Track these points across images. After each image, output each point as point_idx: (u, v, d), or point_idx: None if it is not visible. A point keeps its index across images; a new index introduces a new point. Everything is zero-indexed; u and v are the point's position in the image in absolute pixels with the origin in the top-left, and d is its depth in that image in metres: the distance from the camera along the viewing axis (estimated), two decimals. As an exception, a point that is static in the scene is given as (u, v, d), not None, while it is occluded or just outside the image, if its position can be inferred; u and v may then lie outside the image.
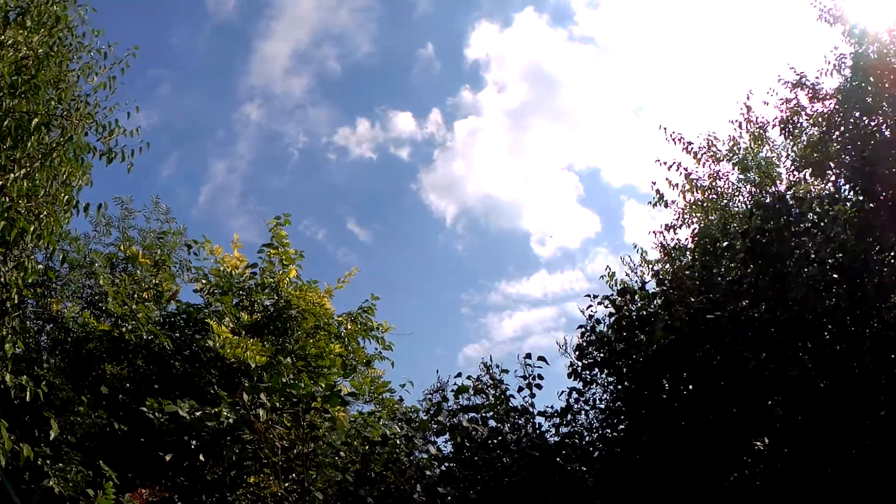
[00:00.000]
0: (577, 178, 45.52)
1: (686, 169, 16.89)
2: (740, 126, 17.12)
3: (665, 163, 16.99)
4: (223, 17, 41.36)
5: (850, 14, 14.19)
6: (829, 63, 14.43)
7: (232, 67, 42.98)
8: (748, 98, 17.21)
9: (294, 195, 40.79)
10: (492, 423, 9.82)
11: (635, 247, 16.24)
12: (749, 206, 14.64)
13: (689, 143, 17.04)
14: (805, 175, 14.88)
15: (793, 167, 15.52)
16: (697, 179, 16.84)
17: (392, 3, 44.11)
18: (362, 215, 43.11)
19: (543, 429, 10.15)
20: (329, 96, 44.89)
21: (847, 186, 10.80)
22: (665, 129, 17.11)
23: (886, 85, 13.26)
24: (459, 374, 10.37)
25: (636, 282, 15.89)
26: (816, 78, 14.96)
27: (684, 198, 16.86)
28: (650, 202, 17.17)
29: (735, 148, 17.02)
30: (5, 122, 9.39)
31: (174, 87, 38.60)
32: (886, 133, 12.83)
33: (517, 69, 46.05)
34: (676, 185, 16.89)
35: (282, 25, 41.98)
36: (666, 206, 16.98)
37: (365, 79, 44.07)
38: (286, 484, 10.28)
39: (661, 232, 16.43)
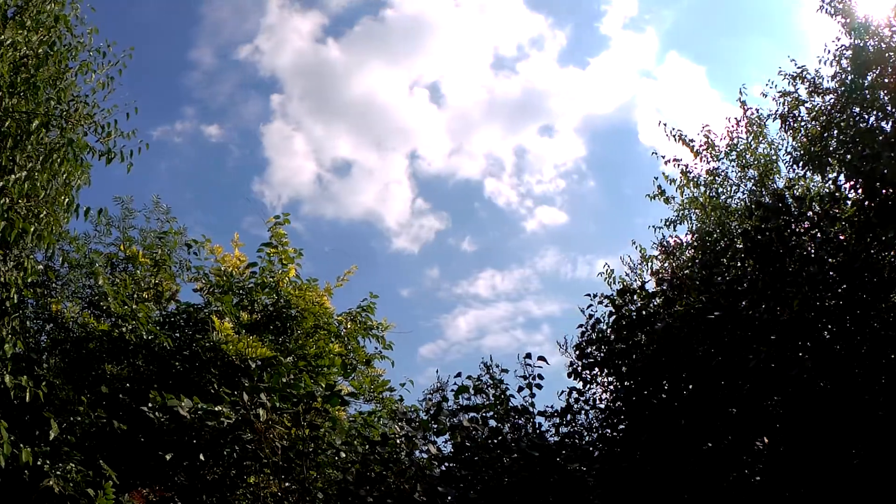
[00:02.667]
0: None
1: (686, 166, 16.94)
2: (738, 123, 17.16)
3: (663, 156, 17.06)
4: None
5: (851, 6, 14.19)
6: (829, 53, 14.46)
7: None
8: (741, 94, 17.27)
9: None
10: (492, 422, 9.82)
11: (634, 243, 16.27)
12: (748, 204, 14.66)
13: (691, 140, 17.10)
14: (804, 171, 14.90)
15: (792, 162, 15.54)
16: (697, 176, 16.87)
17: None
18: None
19: (543, 429, 10.17)
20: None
21: (847, 185, 10.79)
22: (665, 124, 17.18)
23: (886, 80, 13.26)
24: (459, 374, 10.37)
25: (634, 279, 15.94)
26: (817, 70, 14.99)
27: (682, 193, 16.91)
28: (648, 195, 17.22)
29: (733, 143, 17.06)
30: (6, 123, 9.40)
31: None
32: (887, 129, 12.84)
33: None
34: (674, 180, 16.95)
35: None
36: (667, 201, 17.02)
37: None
38: (286, 484, 10.30)
39: (661, 228, 16.47)
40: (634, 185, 45.36)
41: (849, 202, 9.81)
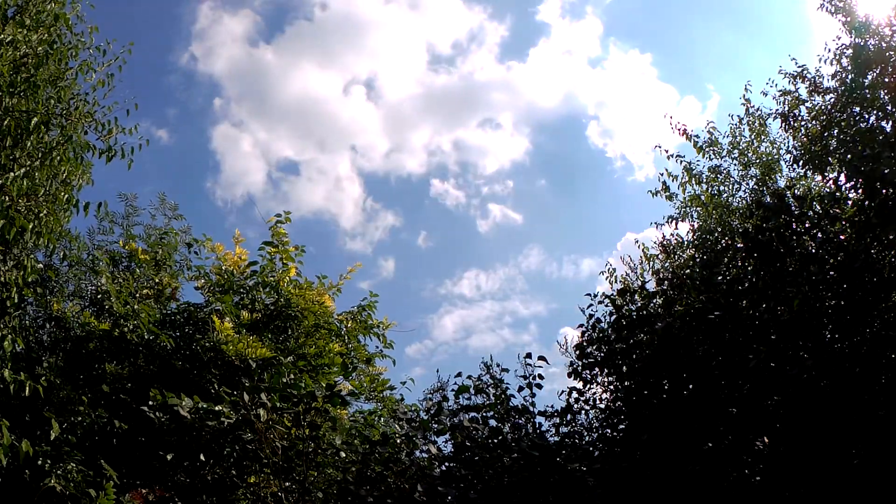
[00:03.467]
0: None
1: (689, 162, 16.96)
2: (740, 121, 17.19)
3: (666, 151, 17.08)
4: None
5: (852, 4, 14.19)
6: (830, 51, 14.47)
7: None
8: (746, 91, 17.28)
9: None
10: (492, 422, 9.82)
11: (636, 242, 16.29)
12: (749, 203, 14.66)
13: (696, 136, 17.12)
14: (805, 170, 14.90)
15: (792, 161, 15.55)
16: (700, 174, 16.89)
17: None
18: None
19: (544, 428, 10.17)
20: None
21: (847, 184, 10.79)
22: (671, 117, 17.19)
23: (886, 79, 13.26)
24: (459, 374, 10.38)
25: (632, 276, 15.95)
26: (817, 69, 14.99)
27: (683, 190, 16.93)
28: (650, 191, 17.25)
29: (736, 140, 17.09)
30: (5, 122, 9.40)
31: None
32: (887, 129, 12.84)
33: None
34: (676, 176, 16.97)
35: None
36: (669, 198, 17.05)
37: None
38: (286, 484, 10.30)
39: (663, 224, 16.49)
40: (586, 179, 45.24)
41: (849, 202, 9.81)
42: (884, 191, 9.00)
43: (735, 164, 16.97)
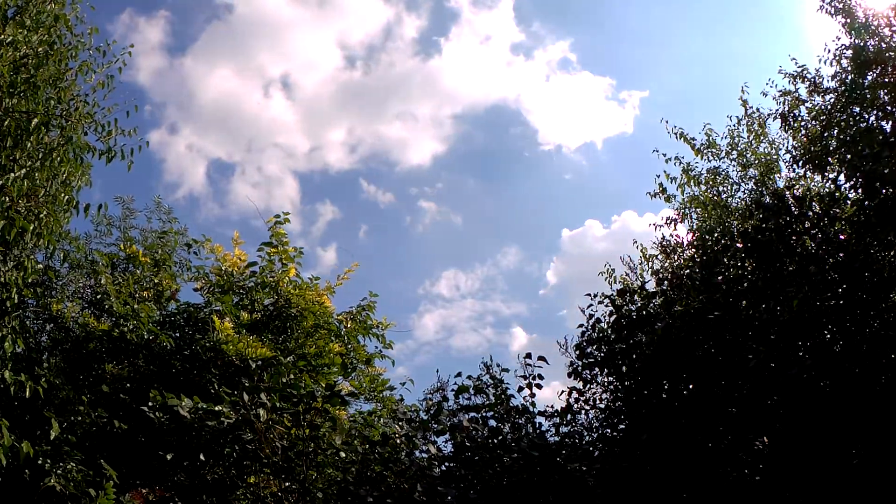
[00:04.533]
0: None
1: (688, 164, 16.95)
2: (739, 122, 17.19)
3: (664, 154, 17.07)
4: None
5: (852, 5, 14.18)
6: (830, 52, 14.46)
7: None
8: (743, 92, 17.29)
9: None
10: (492, 422, 9.83)
11: (635, 243, 16.28)
12: (749, 203, 14.66)
13: (692, 137, 17.12)
14: (805, 170, 14.89)
15: (792, 162, 15.54)
16: (699, 175, 16.89)
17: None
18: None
19: (544, 428, 10.18)
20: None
21: (847, 184, 10.79)
22: (667, 121, 17.19)
23: (886, 80, 13.25)
24: (459, 374, 10.39)
25: (632, 274, 15.94)
26: (817, 70, 14.99)
27: (682, 192, 16.93)
28: (649, 193, 17.24)
29: (734, 141, 17.09)
30: (5, 122, 9.40)
31: None
32: (887, 129, 12.83)
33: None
34: (674, 179, 16.96)
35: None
36: (668, 199, 17.04)
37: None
38: (286, 483, 10.30)
39: (662, 225, 16.48)
40: (514, 173, 44.96)
41: (849, 202, 9.82)
42: (883, 190, 9.02)
43: (734, 165, 16.98)
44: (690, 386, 9.26)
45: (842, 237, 9.24)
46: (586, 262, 40.74)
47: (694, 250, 14.06)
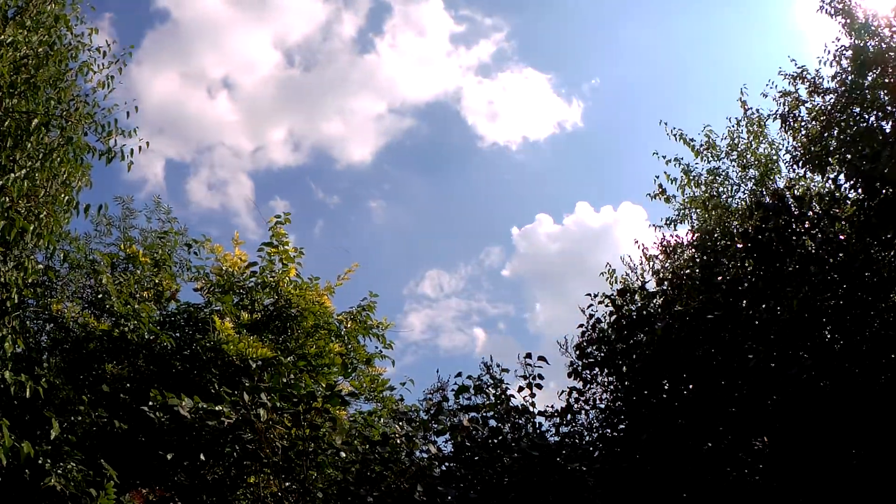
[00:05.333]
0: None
1: (687, 165, 16.96)
2: (738, 123, 17.20)
3: (664, 156, 17.07)
4: None
5: (852, 6, 14.19)
6: (829, 53, 14.47)
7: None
8: (742, 94, 17.31)
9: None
10: (492, 422, 9.83)
11: (636, 242, 16.28)
12: (748, 203, 14.66)
13: (691, 139, 17.13)
14: (805, 170, 14.91)
15: (792, 162, 15.55)
16: (698, 176, 16.90)
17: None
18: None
19: (543, 428, 10.18)
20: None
21: (847, 184, 10.79)
22: (666, 123, 17.19)
23: (886, 80, 13.25)
24: (460, 374, 10.39)
25: (632, 276, 15.95)
26: (817, 70, 15.00)
27: (682, 192, 16.93)
28: (649, 194, 17.24)
29: (734, 142, 17.10)
30: (6, 123, 9.41)
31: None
32: (887, 129, 12.83)
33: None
34: (674, 179, 16.96)
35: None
36: (667, 200, 17.05)
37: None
38: (286, 483, 10.30)
39: (662, 226, 16.50)
40: (460, 168, 44.73)
41: (849, 202, 9.81)
42: (883, 190, 9.01)
43: (734, 166, 16.99)
44: (690, 386, 9.25)
45: (842, 237, 9.22)
46: (540, 260, 40.65)
47: (694, 250, 14.08)
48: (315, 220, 42.15)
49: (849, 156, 11.91)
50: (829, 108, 14.37)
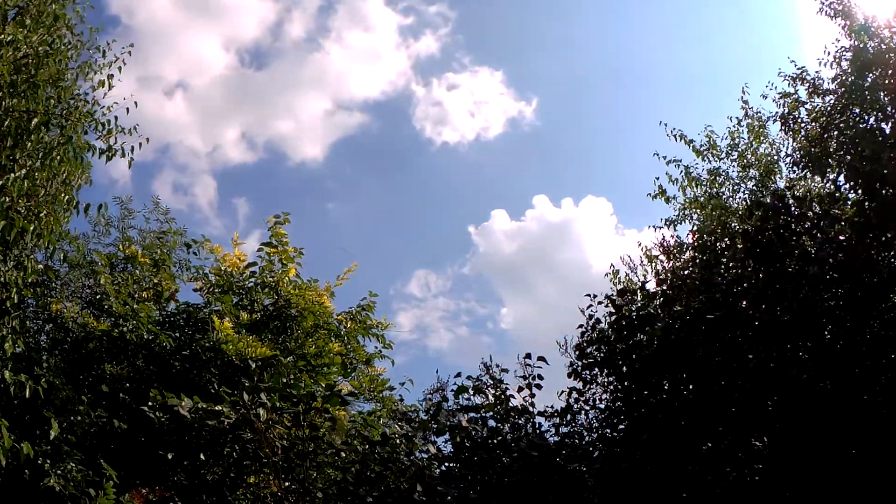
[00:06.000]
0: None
1: (687, 166, 16.95)
2: (739, 123, 17.19)
3: (664, 157, 17.05)
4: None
5: (852, 8, 14.19)
6: (829, 54, 14.46)
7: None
8: (744, 93, 17.29)
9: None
10: (491, 422, 9.82)
11: (639, 245, 16.26)
12: (749, 204, 14.65)
13: (691, 140, 17.12)
14: (805, 172, 14.90)
15: (792, 163, 15.54)
16: (698, 176, 16.89)
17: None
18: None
19: (543, 429, 10.17)
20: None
21: (847, 185, 10.79)
22: (666, 124, 17.17)
23: (886, 81, 13.25)
24: (459, 374, 10.38)
25: (633, 276, 15.94)
26: (817, 72, 15.00)
27: (684, 193, 16.92)
28: (649, 194, 17.22)
29: (734, 142, 17.09)
30: (6, 122, 9.39)
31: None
32: (887, 130, 12.83)
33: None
34: (676, 180, 16.94)
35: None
36: (667, 201, 17.03)
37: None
38: (286, 483, 10.30)
39: (661, 227, 16.48)
40: (412, 167, 44.26)
41: (849, 202, 9.82)
42: (883, 191, 9.02)
43: (734, 166, 16.97)
44: (690, 386, 9.25)
45: (842, 238, 9.23)
46: (500, 258, 40.52)
47: (694, 251, 14.08)
48: (300, 217, 41.85)
49: (849, 157, 11.91)
50: (829, 109, 14.36)
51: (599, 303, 10.24)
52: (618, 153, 42.40)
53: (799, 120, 15.36)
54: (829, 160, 13.67)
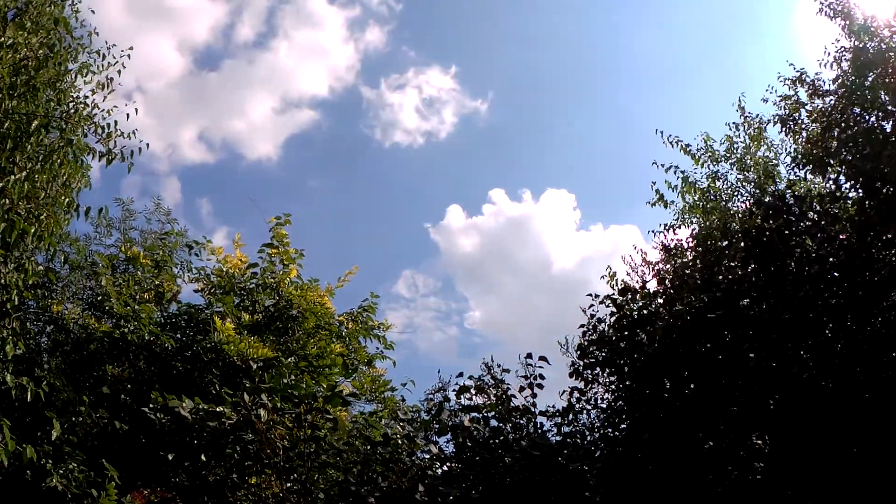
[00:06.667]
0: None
1: (683, 172, 16.93)
2: (737, 127, 17.18)
3: (662, 165, 17.02)
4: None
5: (851, 8, 14.18)
6: (829, 55, 14.44)
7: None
8: (740, 101, 17.28)
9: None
10: (493, 422, 9.82)
11: (636, 248, 16.23)
12: (749, 205, 14.65)
13: (688, 144, 17.10)
14: (805, 172, 14.89)
15: (792, 164, 15.53)
16: (696, 182, 16.87)
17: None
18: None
19: (545, 428, 10.17)
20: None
21: (848, 184, 10.78)
22: (662, 132, 17.15)
23: (887, 80, 13.24)
24: (461, 374, 10.39)
25: (633, 276, 15.91)
26: (816, 73, 14.98)
27: (683, 199, 16.90)
28: (649, 202, 17.20)
29: (733, 147, 17.07)
30: (5, 124, 9.39)
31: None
32: (887, 128, 12.82)
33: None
34: (675, 186, 16.92)
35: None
36: (665, 206, 17.02)
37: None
38: (288, 484, 10.30)
39: (661, 232, 16.46)
40: (364, 166, 43.79)
41: (849, 201, 9.81)
42: (884, 190, 9.01)
43: (732, 170, 16.95)
44: (692, 385, 9.25)
45: (842, 236, 9.22)
46: (458, 254, 40.39)
47: (694, 252, 14.07)
48: (244, 215, 41.99)
49: (849, 156, 11.90)
50: (830, 109, 14.34)
51: (601, 302, 10.25)
52: (580, 147, 42.39)
53: (799, 121, 15.35)
54: (830, 160, 13.67)
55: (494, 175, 44.17)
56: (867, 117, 13.32)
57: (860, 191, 9.70)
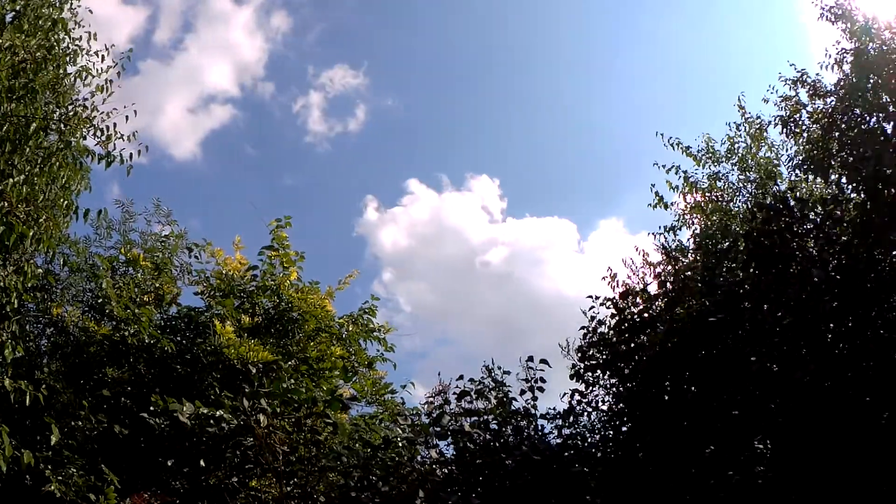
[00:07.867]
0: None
1: (685, 172, 16.89)
2: (738, 127, 17.13)
3: (663, 166, 16.98)
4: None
5: (852, 11, 14.16)
6: (831, 57, 14.42)
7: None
8: (740, 101, 17.24)
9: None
10: (494, 425, 9.80)
11: (637, 249, 16.19)
12: (750, 207, 14.61)
13: (688, 147, 17.05)
14: (806, 174, 14.86)
15: (793, 166, 15.49)
16: (696, 182, 16.83)
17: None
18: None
19: (546, 431, 10.15)
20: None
21: (849, 186, 10.74)
22: (662, 134, 17.10)
23: (888, 82, 13.22)
24: (461, 377, 10.35)
25: (634, 279, 15.88)
26: (817, 74, 14.95)
27: (684, 199, 16.85)
28: (650, 204, 17.16)
29: (734, 148, 17.03)
30: (4, 127, 9.36)
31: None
32: (888, 130, 12.80)
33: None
34: (676, 187, 16.87)
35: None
36: (666, 207, 16.97)
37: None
38: (288, 488, 10.27)
39: (662, 234, 16.42)
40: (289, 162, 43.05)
41: (851, 203, 9.77)
42: (885, 192, 8.97)
43: (733, 171, 16.91)
44: (693, 388, 9.23)
45: (844, 239, 9.19)
46: (383, 247, 40.20)
47: (695, 254, 14.04)
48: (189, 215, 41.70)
49: (850, 158, 11.87)
50: (831, 110, 14.32)
51: (602, 304, 10.23)
52: (509, 140, 42.24)
53: (800, 123, 15.31)
54: (831, 162, 13.64)
55: (411, 167, 44.30)
56: (868, 119, 13.30)
57: (861, 193, 9.66)
